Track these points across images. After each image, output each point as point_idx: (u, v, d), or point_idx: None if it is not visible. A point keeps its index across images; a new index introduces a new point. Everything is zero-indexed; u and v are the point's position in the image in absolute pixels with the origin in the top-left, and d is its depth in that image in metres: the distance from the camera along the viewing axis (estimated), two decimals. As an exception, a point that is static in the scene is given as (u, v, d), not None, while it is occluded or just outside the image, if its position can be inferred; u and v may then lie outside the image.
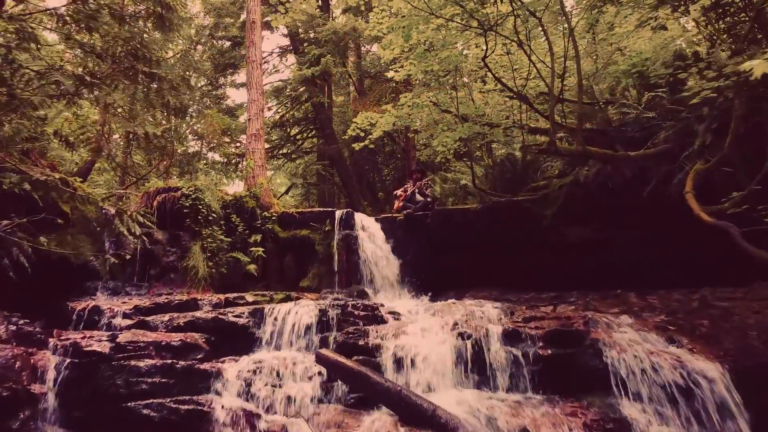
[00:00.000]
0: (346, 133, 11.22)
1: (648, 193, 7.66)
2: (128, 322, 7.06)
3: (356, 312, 7.21)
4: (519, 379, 5.73)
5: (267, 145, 17.82)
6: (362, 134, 11.50)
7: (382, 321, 7.25)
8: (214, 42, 17.37)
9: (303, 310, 7.08)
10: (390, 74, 11.18)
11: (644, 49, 8.95)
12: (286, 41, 18.30)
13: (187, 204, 10.49)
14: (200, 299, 7.93)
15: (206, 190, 10.88)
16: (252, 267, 10.90)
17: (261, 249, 11.13)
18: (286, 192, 19.43)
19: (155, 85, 8.39)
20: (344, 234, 11.06)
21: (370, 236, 11.26)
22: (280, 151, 17.75)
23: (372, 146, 11.50)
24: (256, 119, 12.35)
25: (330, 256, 11.00)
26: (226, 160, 14.78)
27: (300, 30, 17.57)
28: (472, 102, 11.89)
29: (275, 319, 7.01)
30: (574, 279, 9.04)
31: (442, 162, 20.24)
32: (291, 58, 19.13)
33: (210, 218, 10.68)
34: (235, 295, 8.25)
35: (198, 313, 7.18)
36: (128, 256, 9.05)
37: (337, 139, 17.09)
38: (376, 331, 6.51)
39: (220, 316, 7.00)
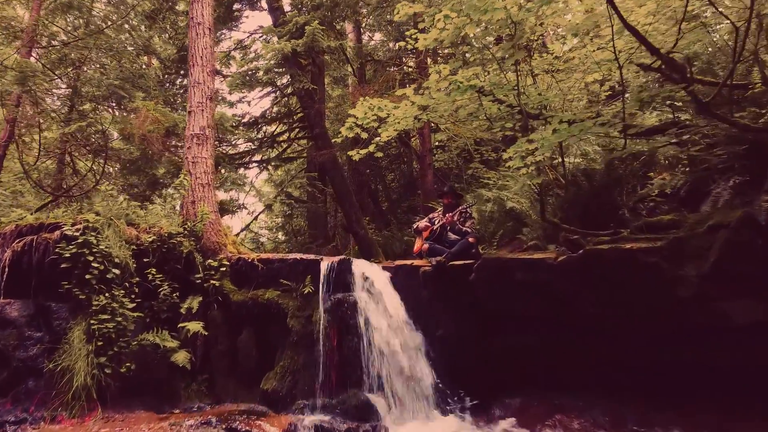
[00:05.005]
0: (341, 133, 6.84)
1: None
2: None
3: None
4: None
5: (232, 151, 13.33)
6: (362, 133, 7.11)
7: None
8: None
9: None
10: (403, 44, 6.88)
11: None
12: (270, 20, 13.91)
13: (68, 254, 6.14)
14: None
15: (105, 228, 6.51)
16: (182, 356, 6.52)
17: (200, 324, 6.76)
18: (254, 219, 14.89)
19: None
20: (336, 300, 6.68)
21: (378, 299, 6.88)
22: (252, 159, 13.29)
23: (380, 155, 7.06)
24: (201, 112, 7.98)
25: (311, 336, 6.62)
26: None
27: None
28: (532, 83, 7.57)
29: None
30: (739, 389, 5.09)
31: (460, 167, 15.89)
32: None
33: (108, 276, 6.31)
34: None
35: None
36: None
37: (330, 141, 12.70)
38: None
39: None
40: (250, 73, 12.10)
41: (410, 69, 14.29)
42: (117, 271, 6.38)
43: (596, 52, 7.11)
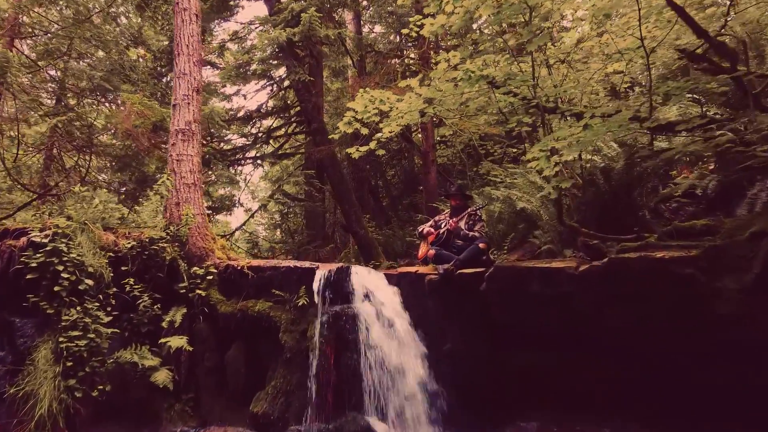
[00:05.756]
0: (339, 128, 6.19)
1: None
2: None
3: None
4: None
5: (225, 147, 12.64)
6: (362, 128, 6.46)
7: None
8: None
9: None
10: (406, 31, 6.23)
11: None
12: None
13: (35, 263, 5.51)
14: None
15: (78, 233, 5.87)
16: (163, 376, 5.88)
17: (183, 339, 6.13)
18: (249, 218, 14.12)
19: None
20: (333, 313, 6.03)
21: (379, 312, 6.25)
22: (246, 155, 12.59)
23: (382, 152, 6.40)
24: (187, 105, 7.31)
25: (306, 353, 5.99)
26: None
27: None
28: (547, 74, 6.93)
29: None
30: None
31: (464, 164, 15.19)
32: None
33: (81, 288, 5.68)
34: None
35: None
36: None
37: (328, 136, 12.02)
38: None
39: None
40: (244, 64, 11.39)
41: (413, 61, 13.58)
42: (90, 282, 5.75)
43: (618, 40, 6.49)
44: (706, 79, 6.46)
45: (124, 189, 12.93)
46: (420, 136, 13.90)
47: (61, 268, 5.56)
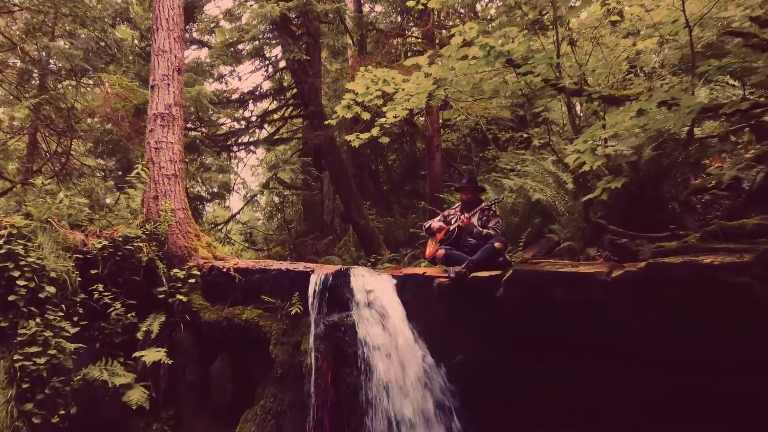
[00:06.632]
0: (336, 113, 5.43)
1: None
2: None
3: None
4: None
5: (216, 132, 11.78)
6: (363, 113, 5.66)
7: None
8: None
9: None
10: (412, 3, 5.45)
11: None
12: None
13: (-13, 269, 4.78)
14: None
15: (38, 233, 5.13)
16: (137, 394, 5.17)
17: (161, 352, 5.41)
18: (241, 209, 13.28)
19: None
20: (330, 324, 5.30)
21: (384, 321, 5.52)
22: (239, 140, 11.77)
23: (386, 138, 5.64)
24: (167, 87, 6.51)
25: (299, 369, 5.28)
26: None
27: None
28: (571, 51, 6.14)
29: None
30: None
31: (470, 149, 14.40)
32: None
33: (42, 296, 4.95)
34: None
35: None
36: None
37: (326, 120, 11.22)
38: None
39: None
40: (235, 42, 10.54)
41: (416, 40, 12.73)
42: (53, 289, 5.02)
43: (653, 11, 5.73)
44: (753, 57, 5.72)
45: (112, 176, 12.19)
46: (422, 119, 13.08)
47: (17, 274, 4.83)
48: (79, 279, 5.38)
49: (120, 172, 11.76)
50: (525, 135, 11.77)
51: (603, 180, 4.21)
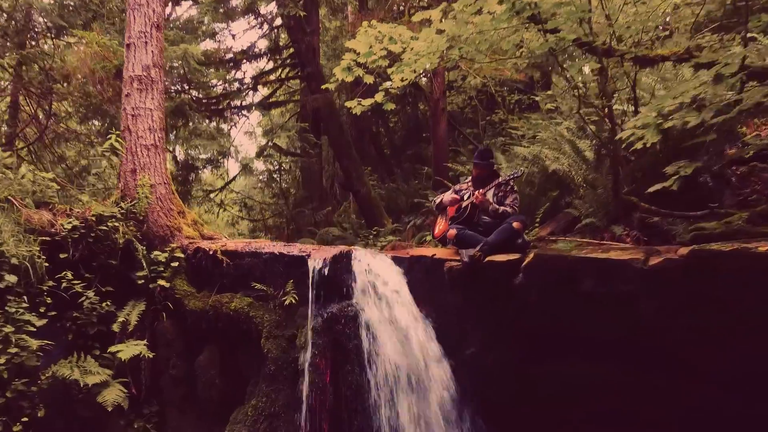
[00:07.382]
0: (335, 75, 4.74)
1: None
2: None
3: None
4: None
5: (204, 96, 10.97)
6: (365, 75, 4.95)
7: None
8: None
9: None
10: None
11: None
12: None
13: (-63, 256, 4.16)
14: None
15: (-5, 215, 4.50)
16: (113, 394, 4.63)
17: (141, 345, 4.85)
18: (233, 179, 12.52)
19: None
20: (329, 315, 4.71)
21: (389, 309, 4.94)
22: (231, 104, 10.98)
23: (391, 105, 4.93)
24: (144, 46, 5.76)
25: (294, 366, 4.72)
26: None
27: None
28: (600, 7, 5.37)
29: None
30: None
31: (476, 111, 13.64)
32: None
33: (2, 286, 4.36)
34: None
35: None
36: None
37: (325, 82, 10.44)
38: None
39: None
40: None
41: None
42: (13, 278, 4.42)
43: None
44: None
45: (98, 141, 11.51)
46: (424, 80, 12.27)
47: (-29, 260, 4.23)
48: (47, 264, 4.77)
49: (103, 138, 11.10)
50: (533, 98, 11.03)
51: (672, 165, 3.54)
